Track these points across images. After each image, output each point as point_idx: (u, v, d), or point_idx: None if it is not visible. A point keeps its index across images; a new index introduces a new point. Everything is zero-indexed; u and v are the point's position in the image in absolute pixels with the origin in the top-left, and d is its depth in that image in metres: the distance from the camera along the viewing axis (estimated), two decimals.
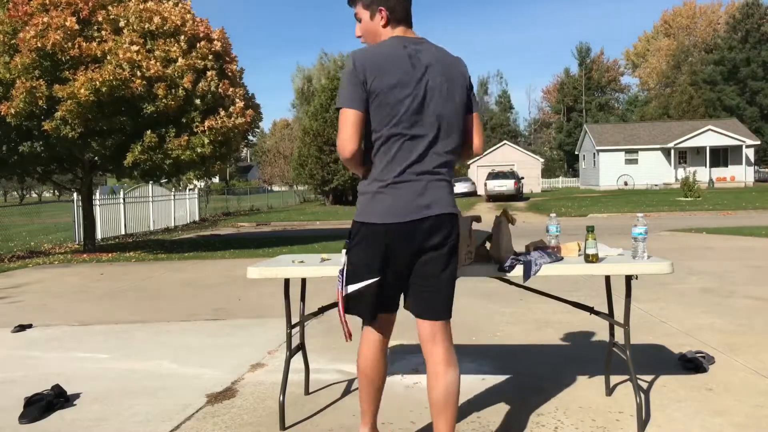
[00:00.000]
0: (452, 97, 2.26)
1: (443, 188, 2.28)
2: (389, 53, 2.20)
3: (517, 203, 29.26)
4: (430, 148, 2.22)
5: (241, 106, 11.03)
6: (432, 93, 2.21)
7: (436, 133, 2.23)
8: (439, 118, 2.22)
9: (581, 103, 68.63)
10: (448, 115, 2.25)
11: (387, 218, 2.19)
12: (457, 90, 2.28)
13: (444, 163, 2.27)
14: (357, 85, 2.16)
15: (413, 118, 2.19)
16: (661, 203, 23.34)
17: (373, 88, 2.15)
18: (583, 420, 2.96)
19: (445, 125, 2.24)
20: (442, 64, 2.27)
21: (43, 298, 7.10)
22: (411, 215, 2.19)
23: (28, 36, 9.46)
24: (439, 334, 2.34)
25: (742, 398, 3.18)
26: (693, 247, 9.94)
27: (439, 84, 2.23)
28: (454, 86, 2.28)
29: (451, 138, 2.27)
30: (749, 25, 52.76)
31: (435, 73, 2.23)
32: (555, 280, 6.26)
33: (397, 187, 2.19)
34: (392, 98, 2.16)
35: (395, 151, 2.19)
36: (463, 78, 2.32)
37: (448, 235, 2.28)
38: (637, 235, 2.81)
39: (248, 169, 75.81)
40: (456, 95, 2.28)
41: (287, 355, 3.06)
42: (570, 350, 4.22)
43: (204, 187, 31.17)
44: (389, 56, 2.19)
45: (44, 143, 10.36)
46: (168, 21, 10.46)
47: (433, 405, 2.30)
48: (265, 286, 6.81)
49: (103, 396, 3.51)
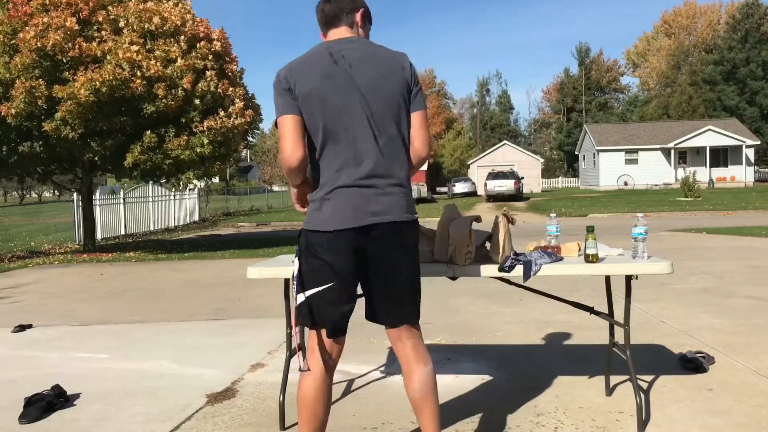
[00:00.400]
0: (384, 94, 2.15)
1: (395, 194, 2.18)
2: (310, 57, 2.18)
3: (517, 203, 29.26)
4: (371, 149, 2.13)
5: (241, 106, 11.03)
6: (360, 91, 2.13)
7: (372, 133, 2.14)
8: (372, 117, 2.13)
9: (581, 103, 68.62)
10: (380, 113, 2.15)
11: (333, 225, 2.11)
12: (391, 87, 2.17)
13: (391, 164, 2.17)
14: (284, 93, 2.14)
15: (345, 119, 2.12)
16: (661, 203, 23.34)
17: (299, 93, 2.11)
18: (583, 420, 2.96)
19: (379, 124, 2.14)
20: (373, 61, 2.17)
21: (43, 298, 7.10)
22: (359, 221, 2.11)
23: (27, 36, 9.46)
24: (404, 334, 2.26)
25: (742, 398, 3.18)
26: (693, 247, 9.94)
27: (369, 81, 2.14)
28: (388, 83, 2.16)
29: (390, 138, 2.17)
30: (749, 25, 52.74)
31: (362, 71, 2.14)
32: (555, 280, 6.26)
33: (345, 192, 2.12)
34: (318, 100, 2.10)
35: (334, 155, 2.13)
36: (401, 74, 2.19)
37: (402, 243, 2.20)
38: (637, 235, 2.81)
39: (248, 169, 75.81)
40: (389, 92, 2.16)
41: (287, 355, 3.06)
42: (570, 350, 4.22)
43: (204, 188, 31.17)
44: (310, 60, 2.16)
45: (44, 143, 10.37)
46: (168, 21, 10.47)
47: (413, 403, 2.26)
48: (265, 286, 6.81)
49: (103, 396, 3.51)
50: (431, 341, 4.53)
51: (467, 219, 2.79)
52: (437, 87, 69.04)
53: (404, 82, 2.20)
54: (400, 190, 2.19)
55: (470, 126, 74.10)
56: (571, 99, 69.99)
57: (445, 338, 4.61)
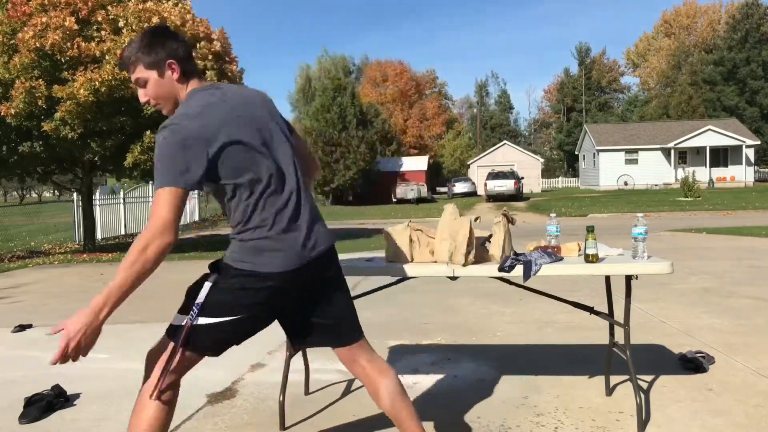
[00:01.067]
0: (277, 129, 2.12)
1: (323, 222, 2.20)
2: (207, 106, 2.01)
3: (517, 203, 29.26)
4: (293, 187, 2.09)
5: None
6: (262, 130, 2.06)
7: (284, 170, 2.09)
8: (278, 153, 2.08)
9: (581, 103, 68.63)
10: (283, 147, 2.11)
11: (275, 267, 2.03)
12: (276, 120, 2.15)
13: (308, 198, 2.16)
14: (195, 153, 1.92)
15: (260, 159, 2.02)
16: (661, 203, 23.33)
17: (217, 145, 1.95)
18: (583, 420, 2.96)
19: (285, 159, 2.10)
20: (254, 101, 2.12)
21: (43, 298, 7.10)
22: (302, 259, 2.07)
23: (27, 36, 9.46)
24: (356, 352, 2.24)
25: (742, 398, 3.18)
26: (693, 247, 9.94)
27: (265, 120, 2.10)
28: (273, 118, 2.14)
29: (295, 171, 2.13)
30: (749, 25, 52.74)
31: (255, 111, 2.09)
32: (555, 280, 6.26)
33: (282, 236, 2.04)
34: (236, 147, 1.98)
35: (261, 198, 2.03)
36: (274, 108, 2.18)
37: (335, 265, 2.27)
38: (637, 235, 2.81)
39: None
40: (278, 125, 2.14)
41: (287, 355, 3.06)
42: (570, 350, 4.22)
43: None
44: (209, 109, 2.00)
45: (44, 143, 10.37)
46: (167, 21, 10.46)
47: (390, 416, 2.25)
48: None
49: (103, 396, 3.51)
50: (431, 341, 4.53)
51: (467, 219, 2.79)
52: (438, 87, 69.04)
53: (280, 116, 2.24)
54: (322, 219, 2.23)
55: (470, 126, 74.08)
56: (571, 99, 70.00)
57: (445, 338, 4.61)
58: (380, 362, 2.26)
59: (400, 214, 23.37)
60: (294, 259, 2.04)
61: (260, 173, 2.02)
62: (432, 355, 4.15)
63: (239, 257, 2.07)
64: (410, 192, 34.08)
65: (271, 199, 2.04)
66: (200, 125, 1.95)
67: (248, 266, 2.04)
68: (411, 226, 2.93)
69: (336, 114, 35.04)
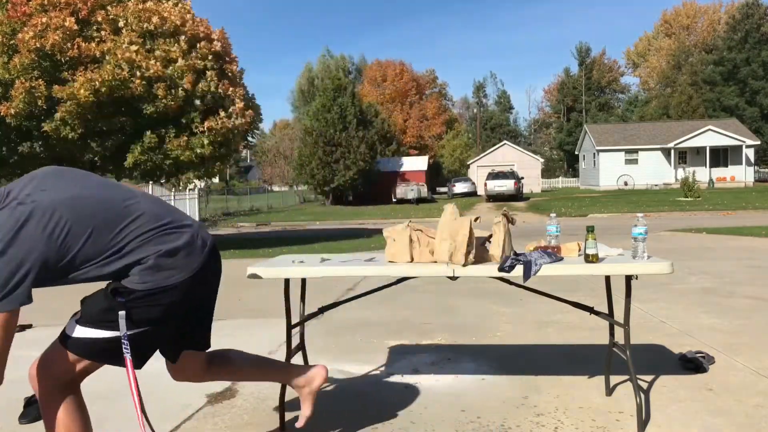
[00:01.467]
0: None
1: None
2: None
3: (517, 203, 29.26)
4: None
5: (241, 106, 11.03)
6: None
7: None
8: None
9: (581, 103, 68.62)
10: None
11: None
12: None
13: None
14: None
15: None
16: (661, 203, 23.33)
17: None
18: (583, 420, 2.95)
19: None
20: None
21: (43, 298, 7.09)
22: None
23: (26, 37, 9.47)
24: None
25: (742, 398, 3.17)
26: (693, 247, 9.94)
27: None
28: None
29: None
30: (749, 25, 52.72)
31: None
32: (555, 280, 6.26)
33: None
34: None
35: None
36: None
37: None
38: (637, 235, 2.81)
39: (248, 169, 75.80)
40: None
41: (287, 355, 3.06)
42: (570, 350, 4.22)
43: (204, 188, 31.17)
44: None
45: (44, 144, 10.37)
46: (167, 21, 10.47)
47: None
48: (265, 286, 6.80)
49: (103, 396, 3.51)
50: (431, 341, 4.53)
51: (467, 219, 2.79)
52: (438, 87, 69.00)
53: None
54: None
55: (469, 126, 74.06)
56: (571, 99, 69.99)
57: (445, 338, 4.60)
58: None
59: (400, 214, 23.37)
60: None
61: None
62: (432, 355, 4.15)
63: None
64: (410, 192, 34.08)
65: None
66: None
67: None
68: (411, 226, 2.93)
69: (336, 114, 35.03)
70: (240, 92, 11.31)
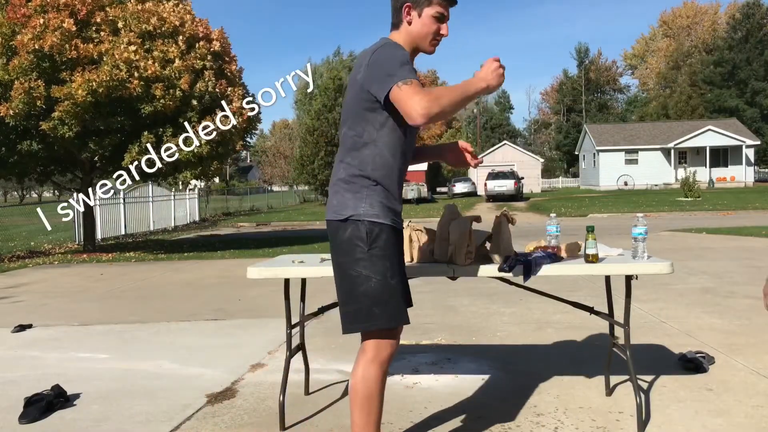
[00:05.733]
0: (346, 100, 2.20)
1: (331, 194, 2.24)
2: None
3: (517, 203, 29.26)
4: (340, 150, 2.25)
5: (239, 105, 11.03)
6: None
7: (341, 135, 2.24)
8: (340, 123, 2.22)
9: (581, 103, 68.62)
10: (342, 119, 2.23)
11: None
12: (350, 93, 2.17)
13: (337, 165, 2.23)
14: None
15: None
16: (661, 203, 23.34)
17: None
18: (583, 420, 2.95)
19: (341, 130, 2.23)
20: (361, 58, 2.20)
21: (43, 298, 7.10)
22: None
23: (25, 38, 9.46)
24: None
25: (742, 398, 3.17)
26: (693, 247, 9.94)
27: (351, 80, 2.18)
28: (350, 89, 2.18)
29: (341, 141, 2.23)
30: (749, 25, 52.73)
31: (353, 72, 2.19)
32: (555, 280, 6.26)
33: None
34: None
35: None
36: (356, 78, 2.13)
37: (332, 243, 2.23)
38: (637, 235, 2.81)
39: (248, 169, 75.81)
40: (348, 98, 2.18)
41: (287, 355, 3.05)
42: (570, 350, 4.22)
43: (204, 188, 31.17)
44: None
45: (42, 143, 10.37)
46: (166, 22, 10.47)
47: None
48: (265, 286, 6.81)
49: (103, 396, 3.51)
50: (431, 341, 4.53)
51: (467, 219, 2.79)
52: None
53: (357, 87, 2.14)
54: (334, 190, 2.23)
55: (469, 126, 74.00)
56: (570, 99, 69.99)
57: (445, 338, 4.61)
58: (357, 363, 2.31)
59: None
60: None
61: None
62: (432, 355, 4.15)
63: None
64: (410, 192, 34.05)
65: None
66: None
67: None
68: (411, 226, 2.93)
69: (338, 114, 35.03)
70: (239, 92, 11.30)
